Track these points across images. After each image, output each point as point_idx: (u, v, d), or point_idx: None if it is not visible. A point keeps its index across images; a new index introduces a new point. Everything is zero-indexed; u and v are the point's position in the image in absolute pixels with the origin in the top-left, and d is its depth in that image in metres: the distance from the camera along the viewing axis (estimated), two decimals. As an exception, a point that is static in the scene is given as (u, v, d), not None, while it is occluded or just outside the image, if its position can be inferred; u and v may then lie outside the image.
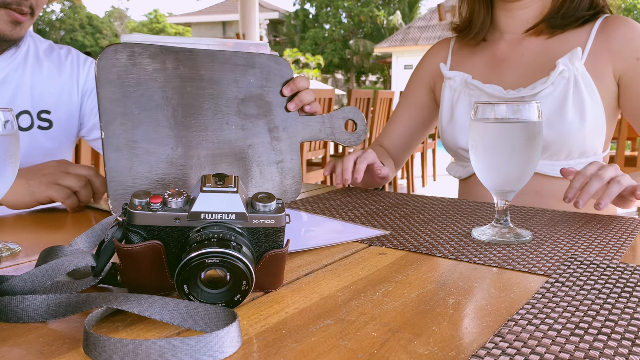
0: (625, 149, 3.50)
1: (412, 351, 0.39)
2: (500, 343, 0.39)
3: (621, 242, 0.68)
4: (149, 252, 0.46)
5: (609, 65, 1.04)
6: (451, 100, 1.16)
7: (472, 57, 1.18)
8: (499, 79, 1.12)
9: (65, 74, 1.16)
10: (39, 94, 1.11)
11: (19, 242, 0.68)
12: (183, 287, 0.43)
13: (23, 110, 1.08)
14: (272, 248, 0.48)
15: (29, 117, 1.09)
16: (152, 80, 0.77)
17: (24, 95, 1.08)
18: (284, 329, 0.42)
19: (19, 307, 0.43)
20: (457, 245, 0.66)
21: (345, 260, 0.61)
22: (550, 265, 0.58)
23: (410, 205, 0.91)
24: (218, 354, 0.37)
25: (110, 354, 0.35)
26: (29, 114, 1.09)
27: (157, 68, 0.78)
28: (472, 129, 0.69)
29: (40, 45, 1.15)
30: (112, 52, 0.75)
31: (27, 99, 1.09)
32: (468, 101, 1.13)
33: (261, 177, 0.87)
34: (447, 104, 1.17)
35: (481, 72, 1.15)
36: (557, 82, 1.03)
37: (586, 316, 0.44)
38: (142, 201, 0.46)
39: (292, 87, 0.89)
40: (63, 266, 0.46)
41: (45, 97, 1.11)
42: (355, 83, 29.19)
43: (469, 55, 1.19)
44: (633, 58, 1.03)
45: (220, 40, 0.86)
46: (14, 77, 1.08)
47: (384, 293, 0.50)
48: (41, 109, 1.11)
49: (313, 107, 0.92)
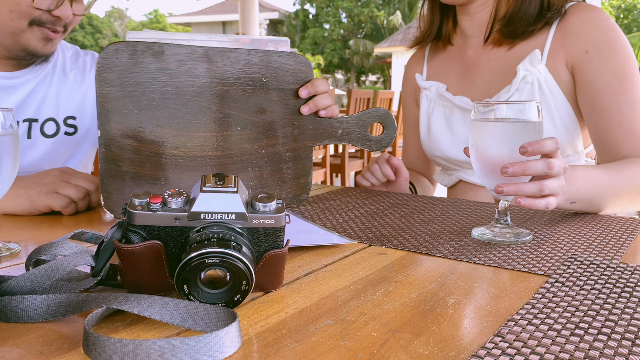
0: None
1: (412, 351, 0.39)
2: (500, 343, 0.39)
3: (621, 242, 0.68)
4: (149, 252, 0.46)
5: (563, 61, 1.02)
6: (427, 111, 1.18)
7: (445, 65, 1.19)
8: (472, 87, 1.12)
9: (89, 80, 1.18)
10: (65, 101, 1.14)
11: (19, 242, 0.68)
12: (183, 287, 0.43)
13: (49, 117, 1.11)
14: (272, 248, 0.48)
15: (54, 124, 1.12)
16: (153, 79, 0.76)
17: (50, 104, 1.11)
18: (284, 329, 0.42)
19: (18, 307, 0.43)
20: (457, 245, 0.66)
21: (345, 260, 0.61)
22: (550, 265, 0.58)
23: (410, 205, 0.91)
24: (218, 354, 0.37)
25: (110, 354, 0.35)
26: (54, 121, 1.12)
27: (159, 67, 0.76)
28: (472, 129, 0.69)
29: (66, 52, 1.18)
30: (114, 51, 0.74)
31: (52, 106, 1.12)
32: (442, 112, 1.15)
33: (268, 179, 0.85)
34: (424, 114, 1.19)
35: (455, 81, 1.15)
36: (521, 88, 1.02)
37: (586, 316, 0.44)
38: (142, 201, 0.46)
39: (309, 89, 0.84)
40: (62, 266, 0.46)
41: (70, 104, 1.14)
42: (355, 83, 29.19)
43: (442, 64, 1.20)
44: (582, 51, 0.99)
45: (235, 37, 0.83)
46: (42, 87, 1.11)
47: (384, 293, 0.50)
48: (67, 115, 1.14)
49: (329, 111, 0.87)
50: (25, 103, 1.08)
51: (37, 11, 0.96)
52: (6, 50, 1.02)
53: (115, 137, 0.75)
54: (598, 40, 0.98)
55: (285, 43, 0.85)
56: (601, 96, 0.97)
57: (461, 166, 1.14)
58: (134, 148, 0.76)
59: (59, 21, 1.00)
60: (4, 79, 1.06)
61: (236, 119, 0.82)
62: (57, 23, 1.00)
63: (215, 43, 0.80)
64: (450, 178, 1.19)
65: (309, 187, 0.89)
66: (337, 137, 0.89)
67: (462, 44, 1.16)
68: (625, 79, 0.96)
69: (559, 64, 1.02)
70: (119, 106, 0.75)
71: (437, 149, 1.15)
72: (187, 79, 0.78)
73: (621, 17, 22.92)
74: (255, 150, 0.84)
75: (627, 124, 0.96)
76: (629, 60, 0.98)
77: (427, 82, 1.18)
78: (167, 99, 0.77)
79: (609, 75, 0.97)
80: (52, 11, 0.98)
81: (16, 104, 1.07)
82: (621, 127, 0.96)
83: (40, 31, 1.00)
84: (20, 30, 0.98)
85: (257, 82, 0.82)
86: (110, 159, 0.75)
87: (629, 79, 0.96)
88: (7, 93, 1.06)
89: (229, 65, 0.80)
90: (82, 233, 0.54)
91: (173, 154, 0.78)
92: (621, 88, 0.96)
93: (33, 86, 1.10)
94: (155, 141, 0.77)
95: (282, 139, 0.85)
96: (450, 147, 1.13)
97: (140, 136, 0.76)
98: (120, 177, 0.76)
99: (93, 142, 1.20)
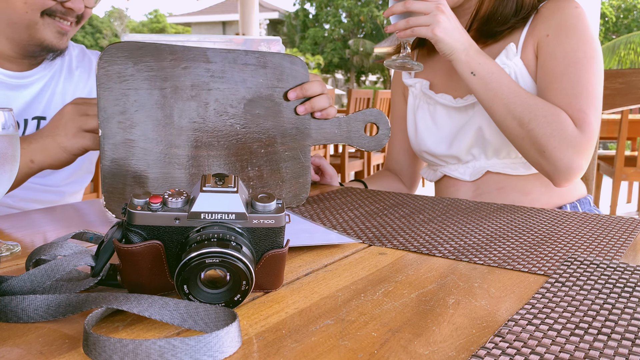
0: (625, 149, 3.50)
1: (412, 351, 0.39)
2: (500, 343, 0.39)
3: (621, 242, 0.68)
4: (149, 252, 0.46)
5: (533, 49, 1.04)
6: (413, 107, 1.20)
7: (433, 63, 1.21)
8: (457, 85, 1.14)
9: (94, 78, 1.19)
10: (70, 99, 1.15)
11: (19, 242, 0.68)
12: (183, 287, 0.43)
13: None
14: (272, 248, 0.48)
15: None
16: (153, 79, 0.76)
17: (57, 102, 1.12)
18: (284, 329, 0.42)
19: (18, 307, 0.43)
20: (457, 245, 0.66)
21: (345, 260, 0.61)
22: (550, 265, 0.58)
23: (410, 205, 0.91)
24: (218, 354, 0.37)
25: (110, 354, 0.35)
26: None
27: (159, 67, 0.77)
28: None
29: (72, 51, 1.19)
30: (114, 51, 0.74)
31: (59, 104, 1.12)
32: (427, 109, 1.17)
33: (267, 179, 0.85)
34: (411, 110, 1.21)
35: (441, 79, 1.18)
36: None
37: (586, 316, 0.44)
38: (142, 201, 0.46)
39: (298, 92, 0.84)
40: (62, 266, 0.46)
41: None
42: (355, 83, 29.20)
43: (431, 62, 1.22)
44: (544, 35, 1.02)
45: (228, 37, 0.84)
46: (50, 85, 1.12)
47: (384, 293, 0.50)
48: None
49: (324, 114, 0.87)
50: (35, 101, 1.09)
51: (50, 2, 0.97)
52: (21, 48, 1.02)
53: (117, 136, 0.75)
54: (559, 25, 1.00)
55: (277, 42, 0.86)
56: (546, 75, 1.01)
57: (446, 162, 1.17)
58: (135, 148, 0.76)
59: (71, 13, 1.01)
60: (16, 78, 1.07)
61: (237, 119, 0.82)
62: (68, 14, 1.01)
63: (209, 44, 0.81)
64: (435, 173, 1.22)
65: (308, 187, 0.89)
66: (334, 137, 0.90)
67: None
68: (575, 62, 0.98)
69: (530, 53, 1.04)
70: (120, 105, 0.75)
71: (424, 144, 1.18)
72: (186, 79, 0.79)
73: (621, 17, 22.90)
74: (255, 149, 0.84)
75: (564, 97, 0.98)
76: (585, 45, 0.99)
77: (413, 79, 1.21)
78: (168, 98, 0.77)
79: (560, 56, 0.99)
80: (65, 3, 0.98)
81: (26, 102, 1.08)
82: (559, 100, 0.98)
83: (53, 24, 1.00)
84: (34, 22, 0.98)
85: (255, 82, 0.83)
86: (112, 159, 0.75)
87: (578, 62, 0.98)
88: (18, 92, 1.07)
89: (228, 65, 0.81)
90: (83, 233, 0.54)
91: (174, 153, 0.79)
92: (567, 68, 0.98)
93: (42, 85, 1.10)
94: (156, 141, 0.77)
95: (281, 139, 0.86)
96: (435, 143, 1.16)
97: (140, 136, 0.76)
98: (122, 177, 0.76)
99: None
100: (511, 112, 0.96)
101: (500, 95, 0.96)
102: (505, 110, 0.96)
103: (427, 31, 0.95)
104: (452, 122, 1.13)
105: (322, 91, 0.86)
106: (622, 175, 2.87)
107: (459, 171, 1.14)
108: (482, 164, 1.11)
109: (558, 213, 0.85)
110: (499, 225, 0.76)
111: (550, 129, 0.95)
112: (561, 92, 0.98)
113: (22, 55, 1.04)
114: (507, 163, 1.09)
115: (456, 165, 1.15)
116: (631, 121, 3.19)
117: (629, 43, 10.78)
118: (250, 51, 0.82)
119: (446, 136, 1.14)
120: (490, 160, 1.10)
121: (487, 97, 0.97)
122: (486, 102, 0.98)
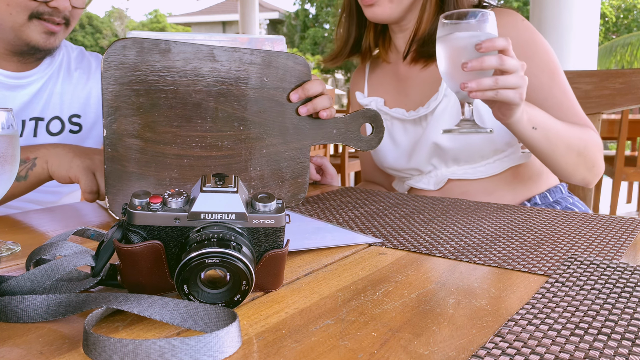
0: (625, 149, 3.50)
1: (412, 351, 0.39)
2: (500, 343, 0.39)
3: (621, 242, 0.68)
4: (149, 252, 0.46)
5: None
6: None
7: (382, 80, 1.22)
8: (407, 99, 1.15)
9: (94, 80, 1.20)
10: (69, 100, 1.15)
11: (19, 242, 0.68)
12: (183, 287, 0.43)
13: (54, 116, 1.13)
14: (272, 248, 0.48)
15: (59, 122, 1.13)
16: (159, 77, 0.75)
17: (55, 102, 1.13)
18: (284, 329, 0.42)
19: (18, 307, 0.43)
20: (457, 245, 0.66)
21: (345, 260, 0.61)
22: (550, 265, 0.58)
23: (410, 205, 0.91)
24: (218, 354, 0.37)
25: (110, 354, 0.35)
26: (59, 120, 1.14)
27: (166, 65, 0.75)
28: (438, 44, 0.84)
29: (71, 52, 1.19)
30: (121, 48, 0.73)
31: (57, 105, 1.13)
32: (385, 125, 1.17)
33: (268, 179, 0.85)
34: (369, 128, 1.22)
35: (392, 95, 1.19)
36: (449, 94, 1.06)
37: (586, 316, 0.44)
38: (142, 201, 0.46)
39: (300, 94, 0.85)
40: (62, 266, 0.46)
41: (74, 102, 1.16)
42: (355, 83, 29.13)
43: (380, 79, 1.23)
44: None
45: (233, 36, 0.83)
46: (48, 86, 1.12)
47: (384, 293, 0.50)
48: (72, 113, 1.16)
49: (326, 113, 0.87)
50: (32, 102, 1.10)
51: (33, 3, 0.97)
52: (10, 46, 1.03)
53: (122, 136, 0.74)
54: (518, 43, 1.01)
55: (281, 41, 0.86)
56: (535, 92, 1.03)
57: (410, 174, 1.18)
58: (139, 148, 0.75)
59: (57, 12, 1.01)
60: (12, 78, 1.07)
61: (239, 119, 0.82)
62: (55, 14, 1.01)
63: (215, 42, 0.80)
64: (403, 185, 1.24)
65: (306, 186, 0.89)
66: (332, 136, 0.91)
67: (396, 59, 1.21)
68: (553, 72, 1.04)
69: None
70: (125, 105, 0.74)
71: (385, 161, 1.20)
72: (192, 77, 0.77)
73: (621, 17, 22.91)
74: (257, 149, 0.84)
75: (567, 109, 1.03)
76: (549, 54, 1.05)
77: (367, 98, 1.22)
78: (173, 98, 0.77)
79: (538, 71, 1.02)
80: (49, 2, 0.98)
81: (23, 102, 1.08)
82: (564, 114, 1.02)
83: (40, 25, 1.01)
84: (20, 24, 0.98)
85: (259, 81, 0.82)
86: (116, 159, 0.74)
87: (555, 72, 1.04)
88: (15, 92, 1.07)
89: (233, 64, 0.80)
90: (84, 230, 0.54)
91: (178, 154, 0.78)
92: (552, 81, 1.03)
93: (40, 85, 1.11)
94: (161, 141, 0.77)
95: (281, 139, 0.86)
96: (394, 158, 1.18)
97: (146, 136, 0.75)
98: (126, 178, 0.75)
99: (95, 140, 1.20)
100: (571, 147, 0.97)
101: (561, 137, 0.95)
102: (566, 148, 0.97)
103: (514, 95, 0.79)
104: (408, 137, 1.15)
105: (323, 91, 0.87)
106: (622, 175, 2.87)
107: (423, 182, 1.16)
108: (444, 172, 1.12)
109: (558, 213, 0.85)
110: (499, 225, 0.76)
111: (596, 147, 1.01)
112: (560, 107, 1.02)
113: (12, 54, 1.05)
114: (466, 169, 1.10)
115: (419, 176, 1.17)
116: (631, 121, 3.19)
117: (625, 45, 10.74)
118: (256, 50, 0.82)
119: (405, 151, 1.16)
120: (450, 169, 1.11)
121: (549, 144, 0.94)
122: (547, 148, 0.95)
